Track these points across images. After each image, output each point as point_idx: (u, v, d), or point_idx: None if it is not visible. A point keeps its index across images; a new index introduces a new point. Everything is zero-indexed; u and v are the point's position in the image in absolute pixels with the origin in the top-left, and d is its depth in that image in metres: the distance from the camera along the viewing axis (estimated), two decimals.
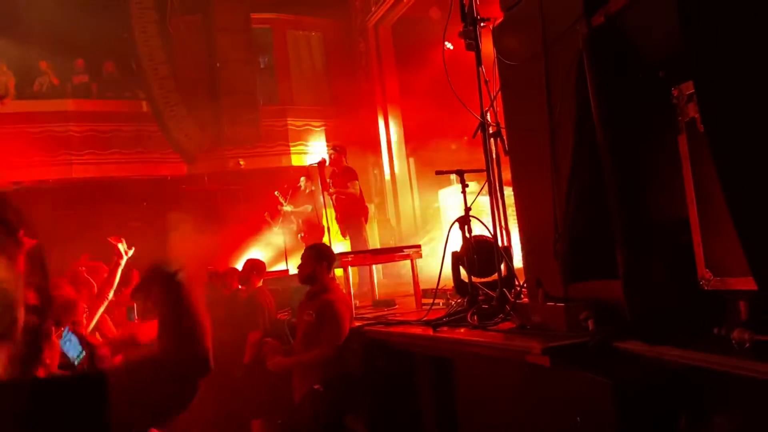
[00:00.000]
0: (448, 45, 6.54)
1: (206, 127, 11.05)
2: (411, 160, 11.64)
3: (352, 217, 8.01)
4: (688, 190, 2.35)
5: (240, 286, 7.10)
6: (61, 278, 4.53)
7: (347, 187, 7.91)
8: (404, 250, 6.06)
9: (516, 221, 3.65)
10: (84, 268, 4.82)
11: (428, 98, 9.10)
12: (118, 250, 4.90)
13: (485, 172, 3.77)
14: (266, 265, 7.73)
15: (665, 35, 2.25)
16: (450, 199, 8.94)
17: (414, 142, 11.21)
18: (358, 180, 8.05)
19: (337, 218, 8.22)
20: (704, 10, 1.98)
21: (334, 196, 8.08)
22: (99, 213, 5.93)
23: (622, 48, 2.54)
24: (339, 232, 8.27)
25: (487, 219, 3.89)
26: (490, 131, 3.79)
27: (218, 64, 11.18)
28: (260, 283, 6.84)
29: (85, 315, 3.89)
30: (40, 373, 1.89)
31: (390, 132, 11.76)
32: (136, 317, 4.87)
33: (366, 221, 8.24)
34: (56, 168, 10.68)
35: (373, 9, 11.53)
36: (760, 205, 1.90)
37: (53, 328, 2.14)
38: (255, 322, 6.40)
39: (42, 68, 11.04)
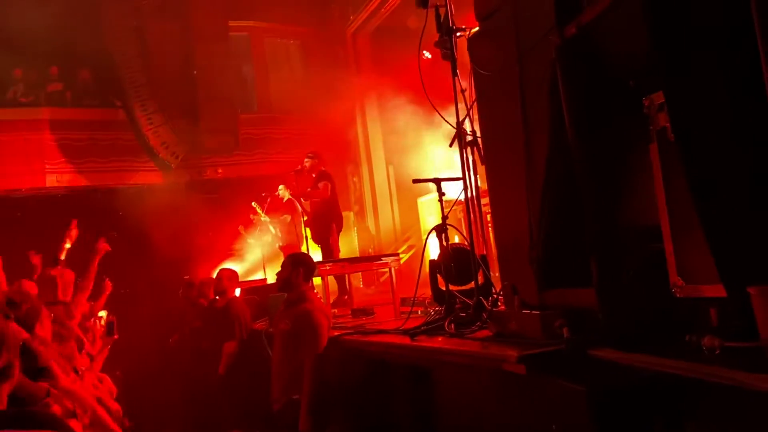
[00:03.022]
0: (426, 54, 6.59)
1: (183, 136, 10.94)
2: (390, 167, 11.64)
3: (321, 222, 7.66)
4: (660, 199, 2.38)
5: (216, 296, 7.04)
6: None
7: (318, 188, 7.51)
8: (383, 258, 6.06)
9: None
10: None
11: (407, 106, 9.13)
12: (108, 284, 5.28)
13: (462, 180, 3.79)
14: (243, 274, 7.67)
15: (636, 45, 2.28)
16: (428, 207, 8.95)
17: (393, 149, 11.21)
18: (329, 182, 7.61)
19: (306, 222, 7.89)
20: (672, 22, 2.01)
21: (307, 202, 7.88)
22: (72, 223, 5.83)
23: (594, 58, 2.58)
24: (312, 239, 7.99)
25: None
26: (467, 140, 3.82)
27: (196, 72, 11.08)
28: (236, 293, 6.79)
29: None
30: (8, 385, 1.85)
31: (369, 140, 11.77)
32: (115, 334, 4.80)
33: (339, 228, 7.81)
34: (29, 177, 10.48)
35: (351, 17, 11.55)
36: (729, 213, 1.93)
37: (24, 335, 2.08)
38: (231, 332, 6.35)
39: (16, 76, 10.86)
